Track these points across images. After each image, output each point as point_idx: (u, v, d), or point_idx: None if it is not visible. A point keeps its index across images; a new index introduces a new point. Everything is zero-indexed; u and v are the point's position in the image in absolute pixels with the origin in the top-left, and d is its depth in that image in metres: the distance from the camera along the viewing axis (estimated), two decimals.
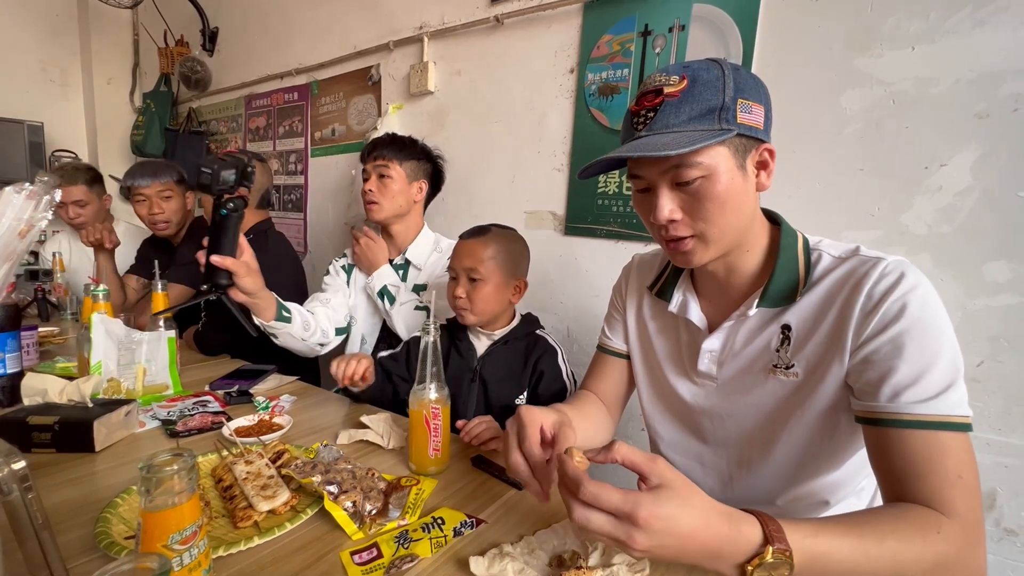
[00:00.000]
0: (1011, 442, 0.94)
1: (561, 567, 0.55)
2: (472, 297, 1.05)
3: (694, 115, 0.59)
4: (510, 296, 1.10)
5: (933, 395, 0.54)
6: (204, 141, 2.73)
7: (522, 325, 1.14)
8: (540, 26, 1.46)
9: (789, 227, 0.70)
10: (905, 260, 0.61)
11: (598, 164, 0.67)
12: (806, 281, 0.65)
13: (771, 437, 0.70)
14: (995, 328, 0.94)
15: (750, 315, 0.68)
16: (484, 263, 1.04)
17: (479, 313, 1.07)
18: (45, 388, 0.89)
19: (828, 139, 1.07)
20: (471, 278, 1.05)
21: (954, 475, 0.52)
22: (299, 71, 2.19)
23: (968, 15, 0.92)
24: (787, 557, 0.45)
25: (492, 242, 1.07)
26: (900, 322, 0.57)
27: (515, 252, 1.11)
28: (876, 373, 0.58)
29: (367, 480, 0.70)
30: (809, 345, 0.64)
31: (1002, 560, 0.96)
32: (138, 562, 0.34)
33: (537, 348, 1.09)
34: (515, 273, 1.10)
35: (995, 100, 0.91)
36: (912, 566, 0.48)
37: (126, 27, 3.05)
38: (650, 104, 0.61)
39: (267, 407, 1.01)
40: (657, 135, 0.60)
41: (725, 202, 0.61)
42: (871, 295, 0.59)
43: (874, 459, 0.59)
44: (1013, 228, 0.91)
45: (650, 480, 0.46)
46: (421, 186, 1.41)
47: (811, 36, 1.07)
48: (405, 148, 1.38)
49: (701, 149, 0.58)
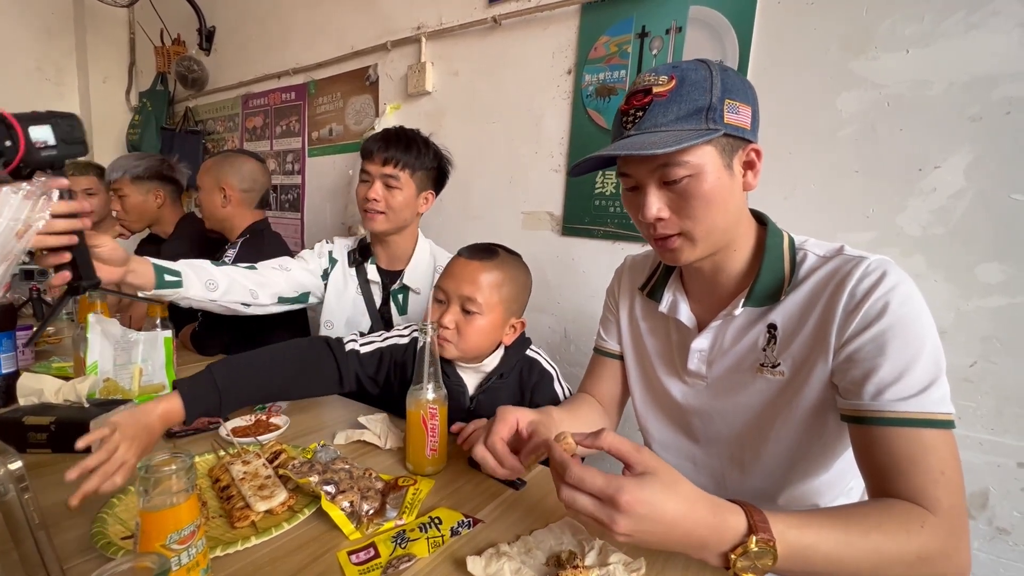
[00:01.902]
0: (1003, 442, 0.95)
1: (558, 567, 0.55)
2: (462, 330, 0.88)
3: (681, 115, 0.60)
4: (502, 337, 0.95)
5: (915, 392, 0.55)
6: (201, 141, 2.72)
7: (513, 350, 0.98)
8: (537, 27, 1.46)
9: (775, 227, 0.71)
10: (888, 259, 0.62)
11: (588, 162, 0.67)
12: (791, 280, 0.66)
13: (760, 436, 0.71)
14: (987, 329, 0.95)
15: (736, 315, 0.69)
16: (484, 293, 0.89)
17: (465, 350, 0.90)
18: (41, 388, 0.88)
19: (824, 141, 1.08)
20: (466, 309, 0.89)
21: (937, 471, 0.53)
22: (296, 71, 2.18)
23: (962, 18, 0.93)
24: (771, 547, 0.46)
25: (498, 268, 0.91)
26: (882, 320, 0.58)
27: (519, 284, 0.95)
28: (860, 371, 0.58)
29: (364, 480, 0.70)
30: (795, 344, 0.65)
31: (994, 559, 0.97)
32: (137, 561, 0.34)
33: (532, 375, 0.98)
34: (515, 311, 0.95)
35: (988, 103, 0.92)
36: (896, 559, 0.49)
37: (122, 26, 3.03)
38: (639, 103, 0.62)
39: (264, 407, 1.01)
40: (645, 134, 0.61)
41: (711, 201, 0.62)
42: (854, 294, 0.60)
43: (859, 456, 0.60)
44: (1005, 230, 0.92)
45: (635, 468, 0.48)
46: (428, 197, 1.29)
47: (807, 38, 1.08)
48: (420, 154, 1.23)
49: (688, 148, 0.59)
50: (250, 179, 1.50)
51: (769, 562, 0.46)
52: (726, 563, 0.47)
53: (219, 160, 1.50)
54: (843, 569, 0.49)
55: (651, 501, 0.44)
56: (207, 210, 1.52)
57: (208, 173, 1.49)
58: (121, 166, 1.70)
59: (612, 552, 0.57)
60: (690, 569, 0.57)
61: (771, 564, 0.46)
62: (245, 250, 1.43)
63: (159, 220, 1.79)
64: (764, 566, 0.47)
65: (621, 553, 0.56)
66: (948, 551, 0.51)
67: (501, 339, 0.95)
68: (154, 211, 1.76)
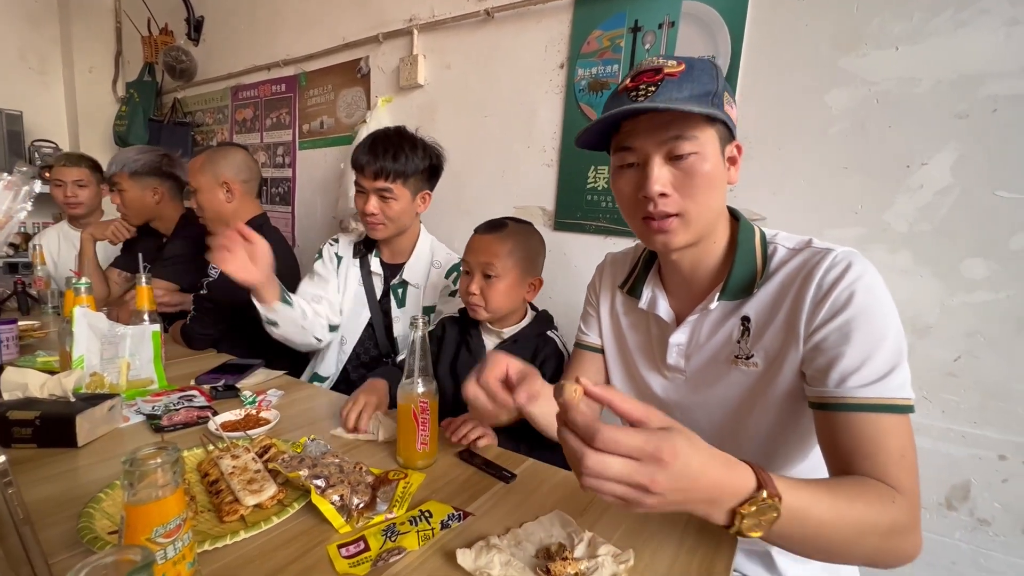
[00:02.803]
0: (985, 435, 0.96)
1: (547, 559, 0.55)
2: (486, 294, 1.03)
3: (694, 94, 0.61)
4: (524, 293, 1.09)
5: (877, 379, 0.57)
6: (190, 133, 2.68)
7: (534, 324, 1.11)
8: (530, 20, 1.46)
9: (747, 222, 0.72)
10: (854, 251, 0.63)
11: (595, 128, 0.66)
12: (763, 273, 0.68)
13: (739, 427, 0.72)
14: (972, 324, 0.96)
15: (712, 308, 0.71)
16: (500, 259, 1.02)
17: (493, 310, 1.05)
18: (26, 382, 0.87)
19: (814, 137, 1.08)
20: (486, 274, 1.03)
21: (898, 454, 0.55)
22: (287, 62, 2.16)
23: (951, 16, 0.94)
24: (777, 503, 0.46)
25: (509, 238, 1.05)
26: (847, 310, 0.59)
27: (531, 248, 1.09)
28: (825, 360, 0.60)
29: (355, 474, 0.70)
30: (767, 335, 0.67)
31: (975, 549, 0.99)
32: (120, 555, 0.33)
33: (544, 350, 1.06)
34: (531, 270, 1.08)
35: (975, 101, 0.93)
36: (872, 529, 0.52)
37: (108, 14, 2.98)
38: (650, 80, 0.63)
39: (254, 402, 1.00)
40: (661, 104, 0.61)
41: (710, 183, 0.64)
42: (821, 285, 0.62)
43: (823, 441, 0.62)
44: (990, 226, 0.93)
45: (651, 423, 0.45)
46: (425, 197, 1.32)
47: (798, 35, 1.08)
48: (409, 160, 1.24)
49: (699, 125, 0.61)
50: (246, 169, 1.47)
51: (773, 516, 0.47)
52: (731, 520, 0.47)
53: (210, 156, 1.44)
54: (830, 535, 0.51)
55: (685, 454, 0.43)
56: (211, 210, 1.44)
57: (203, 172, 1.42)
58: (120, 161, 1.67)
59: (601, 544, 0.57)
60: (678, 560, 0.58)
61: (774, 519, 0.47)
62: None
63: (159, 216, 1.76)
64: (767, 521, 0.47)
65: (610, 545, 0.57)
66: (912, 526, 0.54)
67: (523, 296, 1.09)
68: (152, 207, 1.73)
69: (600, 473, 0.43)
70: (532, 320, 1.12)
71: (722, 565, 0.58)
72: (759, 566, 0.73)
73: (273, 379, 1.18)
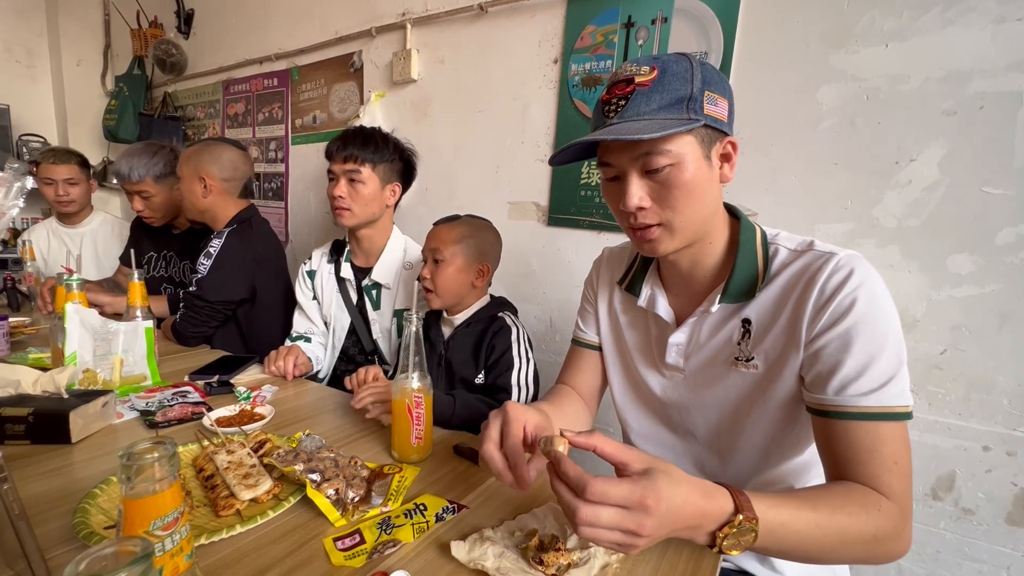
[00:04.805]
0: (970, 426, 0.98)
1: (541, 550, 0.56)
2: (435, 279, 1.09)
3: (664, 103, 0.60)
4: (472, 279, 1.12)
5: (876, 387, 0.58)
6: (181, 127, 2.65)
7: (486, 308, 1.15)
8: (524, 15, 1.45)
9: (748, 221, 0.72)
10: (857, 255, 0.63)
11: (569, 150, 0.67)
12: (764, 276, 0.67)
13: (736, 427, 0.73)
14: (958, 318, 0.98)
15: (713, 311, 0.71)
16: (448, 245, 1.09)
17: (441, 294, 1.11)
18: (18, 379, 0.87)
19: (804, 133, 1.09)
20: (435, 259, 1.10)
21: (891, 461, 0.57)
22: (279, 56, 2.14)
23: (939, 14, 0.95)
24: (754, 524, 0.49)
25: (458, 227, 1.12)
26: (849, 317, 0.60)
27: (481, 239, 1.14)
28: (825, 367, 0.61)
29: (350, 468, 0.71)
30: (768, 339, 0.67)
31: (960, 538, 1.01)
32: (120, 546, 0.34)
33: (493, 327, 1.11)
34: (479, 257, 1.12)
35: (962, 98, 0.94)
36: (855, 538, 0.54)
37: (96, 7, 2.93)
38: (621, 92, 0.62)
39: (248, 397, 1.00)
40: (629, 122, 0.61)
41: (692, 191, 0.62)
42: (823, 290, 0.62)
43: (820, 445, 0.63)
44: (976, 222, 0.95)
45: (632, 466, 0.49)
46: (394, 189, 1.34)
47: (789, 31, 1.09)
48: (378, 148, 1.28)
49: (670, 137, 0.60)
50: (231, 168, 1.46)
51: (751, 538, 0.50)
52: (712, 541, 0.50)
53: (199, 149, 1.45)
54: (811, 546, 0.53)
55: (668, 496, 0.46)
56: (187, 201, 1.47)
57: (187, 163, 1.44)
58: (141, 167, 1.61)
59: None
60: (667, 553, 0.59)
61: (752, 539, 0.50)
62: (232, 240, 1.40)
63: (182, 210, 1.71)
64: (746, 542, 0.50)
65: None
66: (898, 531, 0.55)
67: (471, 280, 1.12)
68: (179, 203, 1.68)
69: (594, 523, 0.46)
70: (485, 304, 1.16)
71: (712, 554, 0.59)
72: (752, 559, 0.74)
73: (267, 374, 1.18)
